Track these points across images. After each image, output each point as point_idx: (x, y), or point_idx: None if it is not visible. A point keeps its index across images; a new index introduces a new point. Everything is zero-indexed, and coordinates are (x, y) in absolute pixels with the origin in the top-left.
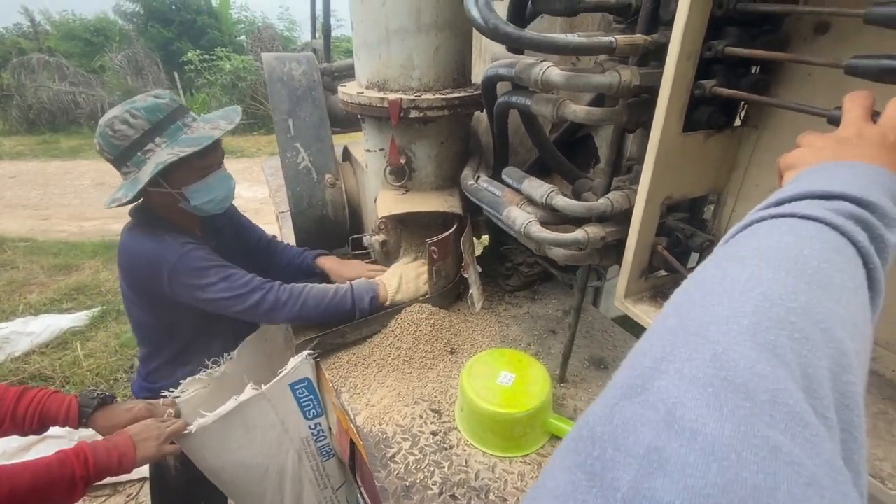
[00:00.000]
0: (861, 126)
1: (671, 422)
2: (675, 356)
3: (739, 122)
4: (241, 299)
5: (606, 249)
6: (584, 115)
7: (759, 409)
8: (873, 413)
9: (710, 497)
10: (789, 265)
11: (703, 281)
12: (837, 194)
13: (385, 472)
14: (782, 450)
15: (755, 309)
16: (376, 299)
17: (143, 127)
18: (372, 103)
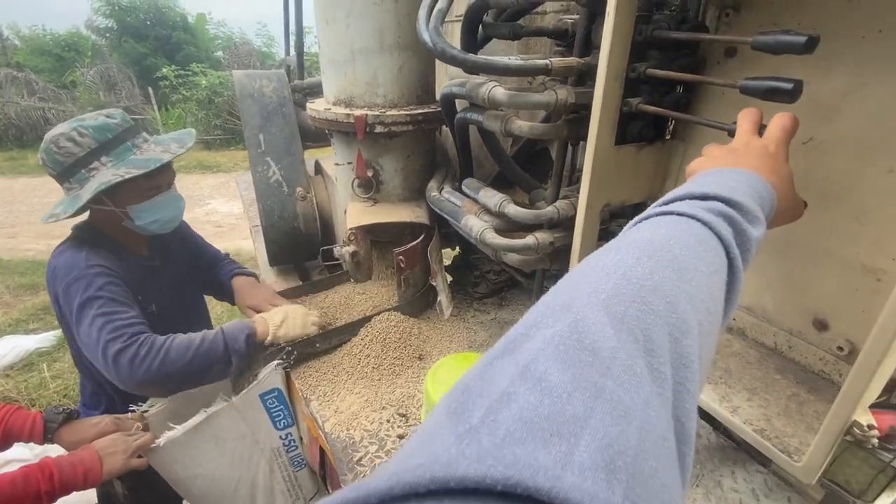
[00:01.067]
0: (749, 138)
1: (525, 372)
2: (542, 324)
3: (669, 136)
4: (102, 345)
5: (557, 254)
6: (527, 130)
7: (599, 363)
8: (787, 396)
9: (535, 423)
10: (652, 252)
11: (583, 266)
12: (711, 195)
13: (352, 476)
14: (606, 390)
15: (613, 286)
16: (253, 336)
17: (89, 145)
18: (339, 119)
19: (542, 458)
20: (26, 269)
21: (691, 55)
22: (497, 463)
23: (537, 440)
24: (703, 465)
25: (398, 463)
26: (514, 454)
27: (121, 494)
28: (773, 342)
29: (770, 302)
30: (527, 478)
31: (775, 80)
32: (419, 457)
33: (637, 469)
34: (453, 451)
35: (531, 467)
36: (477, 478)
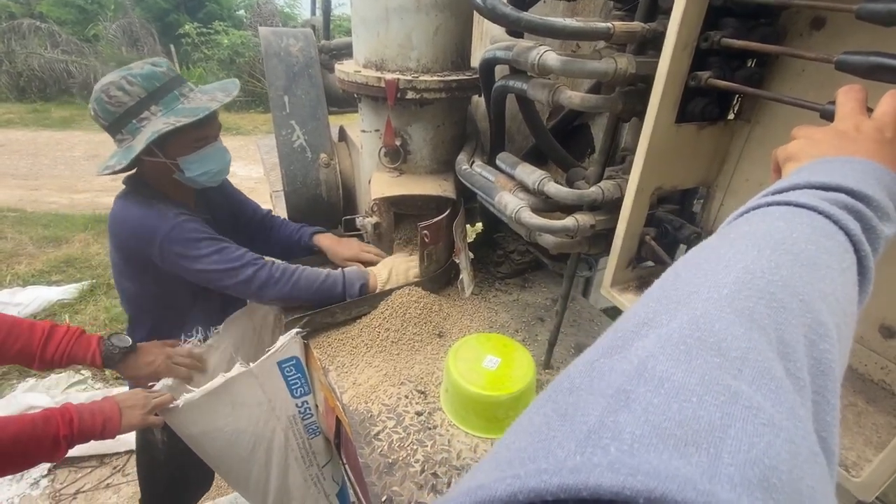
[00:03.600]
0: (858, 120)
1: (642, 371)
2: (655, 321)
3: (733, 116)
4: (233, 273)
5: (595, 238)
6: (578, 101)
7: (728, 364)
8: (844, 405)
9: (667, 430)
10: (775, 245)
11: (691, 259)
12: (835, 186)
13: (369, 449)
14: (742, 395)
15: (736, 280)
16: (366, 287)
17: (139, 94)
18: (369, 82)
19: (685, 469)
20: (49, 221)
21: (770, 24)
22: (634, 472)
23: (671, 448)
24: None
25: (508, 465)
26: (651, 463)
27: (159, 441)
28: None
29: None
30: (673, 491)
31: (883, 56)
32: (537, 460)
33: (794, 489)
34: (578, 457)
35: (675, 479)
36: (614, 488)
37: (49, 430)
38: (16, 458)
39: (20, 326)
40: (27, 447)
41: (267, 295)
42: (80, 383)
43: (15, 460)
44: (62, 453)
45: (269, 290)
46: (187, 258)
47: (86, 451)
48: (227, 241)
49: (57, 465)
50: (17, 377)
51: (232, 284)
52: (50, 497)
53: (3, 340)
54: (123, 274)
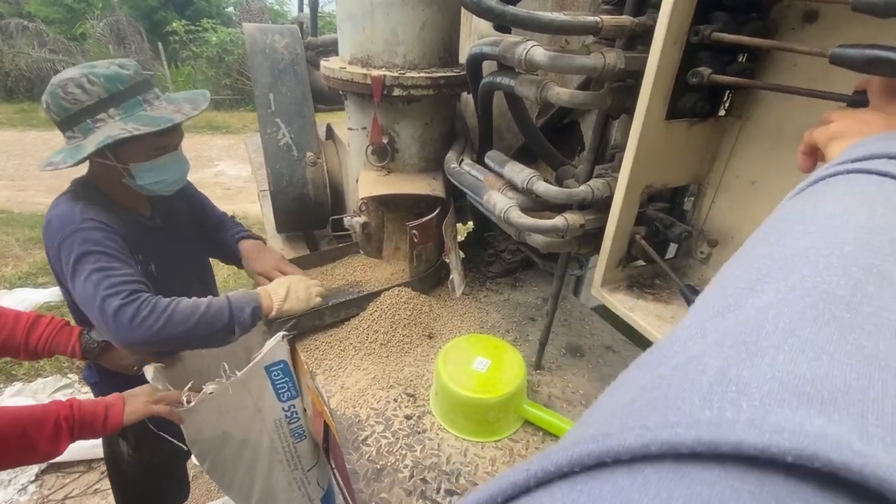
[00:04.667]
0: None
1: (763, 322)
2: (771, 277)
3: (723, 112)
4: (100, 301)
5: (585, 237)
6: (567, 98)
7: (861, 321)
8: None
9: (798, 387)
10: (882, 205)
11: (788, 218)
12: None
13: (357, 455)
14: (879, 355)
15: (856, 237)
16: (259, 310)
17: (98, 94)
18: (354, 79)
19: (832, 428)
20: (35, 222)
21: (762, 18)
22: (780, 430)
23: (806, 406)
24: None
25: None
26: (792, 420)
27: (126, 453)
28: None
29: None
30: (827, 450)
31: (881, 49)
32: (663, 412)
33: None
34: (708, 412)
35: (826, 438)
36: (759, 444)
37: (49, 413)
38: (16, 444)
39: (5, 316)
40: (26, 432)
41: (130, 336)
42: (67, 387)
43: (15, 446)
44: (64, 441)
45: (131, 331)
46: (70, 271)
47: (73, 455)
48: (122, 265)
49: (44, 471)
50: (4, 381)
51: (94, 315)
52: (38, 503)
53: None
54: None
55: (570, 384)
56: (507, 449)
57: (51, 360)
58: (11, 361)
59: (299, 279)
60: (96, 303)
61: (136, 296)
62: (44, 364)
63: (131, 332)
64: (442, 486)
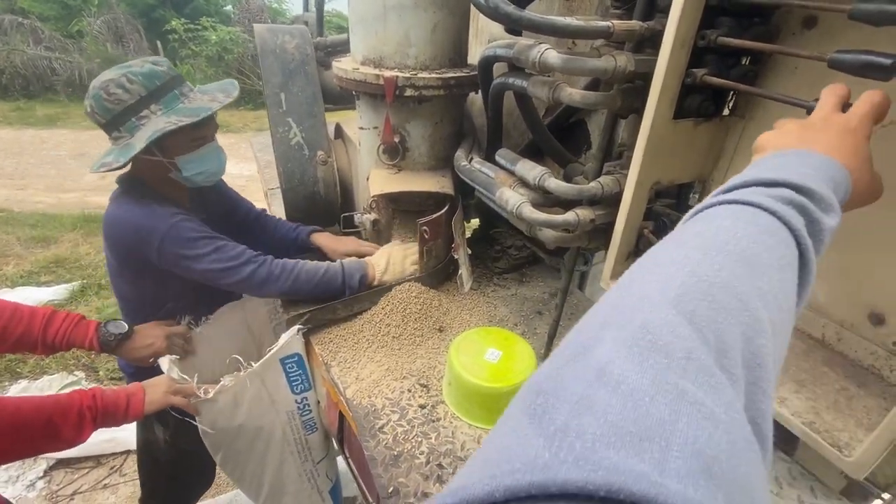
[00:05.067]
0: (829, 113)
1: (601, 376)
2: (611, 324)
3: (728, 112)
4: (233, 271)
5: (595, 232)
6: (579, 98)
7: (675, 365)
8: (836, 389)
9: (623, 427)
10: (720, 246)
11: (646, 261)
12: (780, 182)
13: (374, 442)
14: (688, 393)
15: (682, 283)
16: (365, 278)
17: (139, 92)
18: (367, 80)
19: (639, 464)
20: (36, 221)
21: (764, 23)
22: (596, 468)
23: (628, 445)
24: None
25: (486, 466)
26: (610, 459)
27: (162, 440)
28: (822, 334)
29: (822, 292)
30: (630, 484)
31: (872, 55)
32: (511, 460)
33: (733, 475)
34: (547, 455)
35: (632, 473)
36: (578, 483)
37: (72, 401)
38: (41, 432)
39: (21, 312)
40: (50, 420)
41: (268, 291)
42: (74, 384)
43: (40, 434)
44: (88, 429)
45: (269, 287)
46: (187, 258)
47: (82, 451)
48: (225, 239)
49: (53, 467)
50: (9, 378)
51: (233, 282)
52: (47, 498)
53: (6, 326)
54: (121, 276)
55: None
56: None
57: (56, 358)
58: (17, 359)
59: (398, 251)
60: (231, 274)
61: (263, 258)
62: (49, 361)
63: (270, 286)
64: (457, 471)
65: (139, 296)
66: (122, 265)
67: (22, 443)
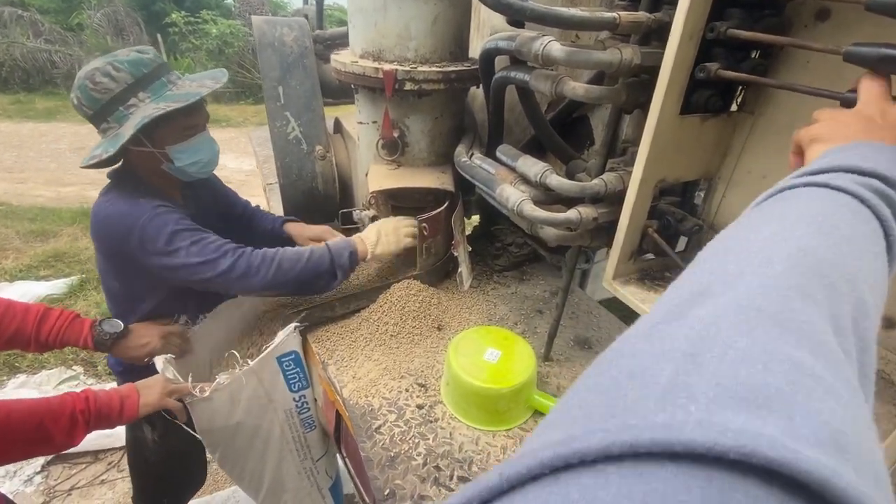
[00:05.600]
0: (883, 106)
1: (705, 336)
2: (712, 291)
3: (736, 108)
4: (212, 265)
5: (597, 231)
6: (582, 92)
7: (788, 335)
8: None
9: (738, 393)
10: (821, 224)
11: (738, 234)
12: (869, 171)
13: (370, 443)
14: (805, 364)
15: (788, 257)
16: (356, 254)
17: (126, 80)
18: (366, 73)
19: (767, 428)
20: (35, 215)
21: (776, 15)
22: (724, 430)
23: (744, 410)
24: None
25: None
26: (735, 422)
27: (150, 440)
28: None
29: None
30: (764, 448)
31: (891, 48)
32: (622, 415)
33: (858, 451)
34: (662, 415)
35: (764, 437)
36: (707, 443)
37: (65, 405)
38: (33, 436)
39: (15, 308)
40: (42, 424)
41: (250, 285)
42: (72, 379)
43: (32, 438)
44: (80, 433)
45: (251, 280)
46: (164, 253)
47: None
48: (207, 232)
49: (50, 462)
50: (8, 373)
51: (212, 277)
52: (44, 493)
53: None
54: (108, 273)
55: (578, 375)
56: (517, 438)
57: (55, 353)
58: (15, 354)
59: (386, 221)
60: (209, 268)
61: (241, 250)
62: (48, 356)
63: (252, 279)
64: (455, 474)
65: (127, 293)
66: (107, 261)
67: (12, 447)
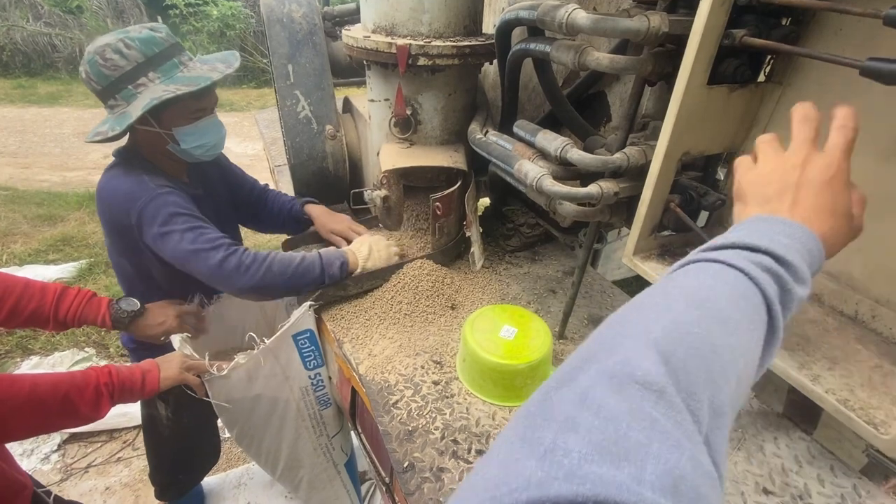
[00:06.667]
0: (808, 153)
1: (584, 400)
2: (596, 358)
3: (764, 78)
4: (203, 255)
5: (617, 206)
6: (607, 63)
7: (649, 396)
8: (870, 367)
9: (605, 446)
10: (700, 301)
11: (635, 304)
12: (762, 249)
13: (388, 418)
14: (659, 422)
15: (663, 328)
16: (346, 265)
17: (136, 59)
18: (379, 48)
19: (619, 477)
20: (42, 199)
21: None
22: (584, 481)
23: (608, 462)
24: (744, 430)
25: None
26: (595, 473)
27: (164, 416)
28: (855, 311)
29: (859, 267)
30: (613, 493)
31: None
32: (509, 481)
33: (695, 494)
34: (540, 473)
35: (614, 484)
36: (569, 496)
37: (88, 378)
38: (58, 409)
39: (33, 287)
40: (67, 396)
41: (238, 283)
42: (86, 360)
43: (57, 411)
44: (105, 406)
45: (240, 278)
46: (160, 234)
47: (95, 426)
48: (206, 223)
49: (66, 441)
50: (21, 355)
51: (201, 268)
52: (61, 471)
53: (17, 301)
54: (115, 250)
55: None
56: None
57: (67, 334)
58: (27, 335)
59: (378, 239)
60: (201, 257)
61: (235, 248)
62: (60, 338)
63: (239, 279)
64: (473, 447)
65: (137, 271)
66: (111, 237)
67: (40, 419)
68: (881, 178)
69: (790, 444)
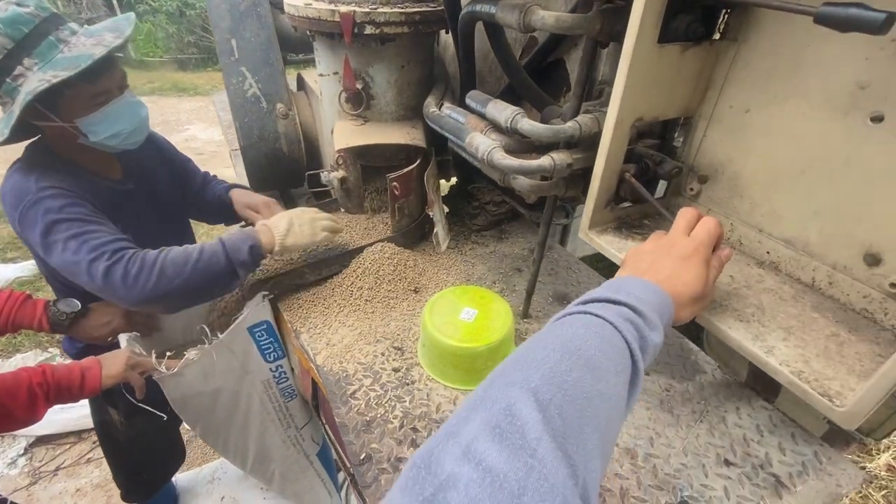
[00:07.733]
0: (678, 237)
1: (467, 453)
2: (481, 408)
3: (718, 35)
4: (85, 267)
5: (573, 179)
6: (553, 22)
7: (527, 444)
8: (826, 335)
9: (483, 501)
10: (573, 351)
11: (519, 354)
12: (623, 302)
13: (345, 409)
14: (535, 469)
15: (541, 377)
16: (258, 248)
17: (4, 45)
18: (322, 17)
19: None
20: None
21: None
22: None
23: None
24: (707, 402)
25: None
26: None
27: (118, 422)
28: (812, 278)
29: (815, 233)
30: None
31: None
32: None
33: None
34: None
35: None
36: None
37: (20, 380)
38: None
39: None
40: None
41: (128, 296)
42: (49, 361)
43: None
44: (41, 407)
45: (127, 291)
46: (42, 245)
47: (62, 427)
48: (99, 227)
49: (33, 444)
50: None
51: (86, 282)
52: (29, 475)
53: None
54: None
55: None
56: None
57: (30, 335)
58: None
59: (302, 211)
60: (83, 270)
61: (121, 254)
62: (21, 339)
63: (128, 293)
64: (432, 434)
65: (46, 271)
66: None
67: None
68: (837, 136)
69: (752, 413)
